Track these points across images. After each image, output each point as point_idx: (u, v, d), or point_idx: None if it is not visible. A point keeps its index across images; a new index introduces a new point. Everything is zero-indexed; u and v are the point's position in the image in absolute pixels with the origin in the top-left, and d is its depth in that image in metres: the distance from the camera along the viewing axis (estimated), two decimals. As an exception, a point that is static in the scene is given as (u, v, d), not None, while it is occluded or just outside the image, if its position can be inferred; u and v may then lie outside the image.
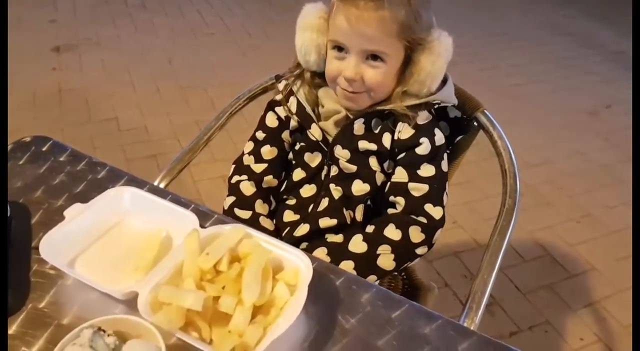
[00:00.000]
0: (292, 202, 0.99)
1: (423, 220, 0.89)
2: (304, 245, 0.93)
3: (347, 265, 0.86)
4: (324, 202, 0.94)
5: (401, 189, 0.91)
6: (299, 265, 0.68)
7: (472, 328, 0.76)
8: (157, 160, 2.15)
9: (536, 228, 1.94)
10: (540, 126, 2.59)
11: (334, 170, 0.95)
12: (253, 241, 0.70)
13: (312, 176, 0.98)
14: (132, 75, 2.77)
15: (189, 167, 1.10)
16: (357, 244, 0.88)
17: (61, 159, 0.93)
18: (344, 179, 0.94)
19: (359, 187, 0.93)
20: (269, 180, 1.00)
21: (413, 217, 0.89)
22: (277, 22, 3.48)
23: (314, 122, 0.94)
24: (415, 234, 0.88)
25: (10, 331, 0.64)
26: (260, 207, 0.97)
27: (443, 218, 0.90)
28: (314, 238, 0.94)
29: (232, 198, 0.98)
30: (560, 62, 3.22)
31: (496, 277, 0.85)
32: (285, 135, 1.01)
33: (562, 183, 2.20)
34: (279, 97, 1.00)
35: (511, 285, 1.71)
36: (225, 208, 0.98)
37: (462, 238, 1.86)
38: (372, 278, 0.87)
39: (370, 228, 0.90)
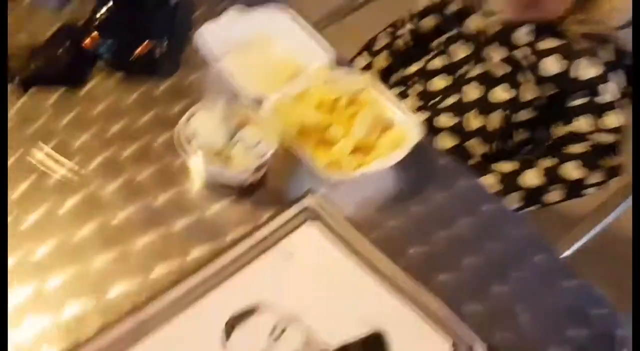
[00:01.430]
0: (419, 88, 0.98)
1: (605, 165, 0.85)
2: None
3: (515, 196, 0.86)
4: (451, 100, 0.93)
5: (581, 139, 0.85)
6: (409, 128, 0.71)
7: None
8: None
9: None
10: None
11: (478, 69, 0.92)
12: (375, 93, 0.74)
13: (452, 69, 0.95)
14: None
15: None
16: (533, 178, 0.86)
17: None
18: (486, 82, 0.91)
19: (498, 94, 0.89)
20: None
21: (596, 161, 0.85)
22: None
23: (475, 13, 0.92)
24: (596, 176, 0.84)
25: (161, 88, 0.77)
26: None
27: (621, 167, 0.85)
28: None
29: None
30: None
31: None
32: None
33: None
34: None
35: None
36: None
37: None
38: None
39: (550, 161, 0.87)
